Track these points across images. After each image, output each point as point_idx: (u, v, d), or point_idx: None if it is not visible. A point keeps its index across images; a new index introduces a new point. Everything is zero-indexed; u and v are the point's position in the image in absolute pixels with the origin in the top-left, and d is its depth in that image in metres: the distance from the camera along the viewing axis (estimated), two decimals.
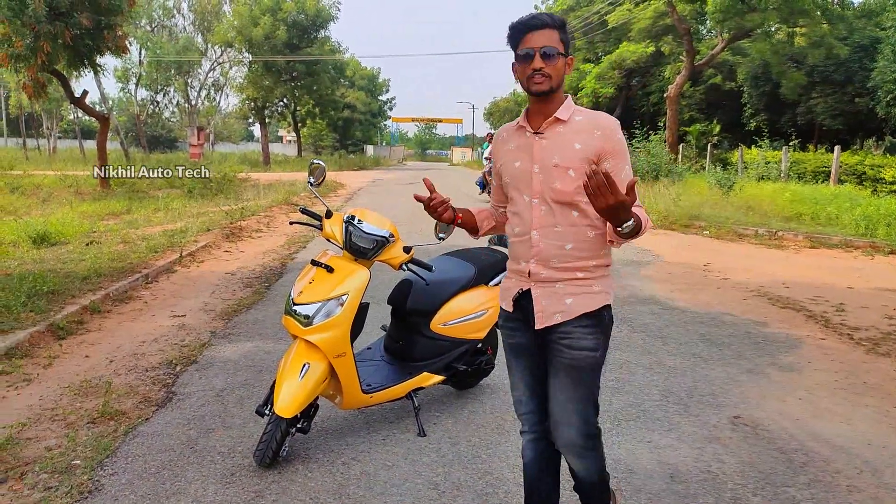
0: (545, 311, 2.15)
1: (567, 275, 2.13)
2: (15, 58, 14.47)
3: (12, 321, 5.12)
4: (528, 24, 2.08)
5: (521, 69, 2.11)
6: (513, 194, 2.21)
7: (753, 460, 3.31)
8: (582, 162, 2.06)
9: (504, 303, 2.30)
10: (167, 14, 45.38)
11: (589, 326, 2.14)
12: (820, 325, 5.84)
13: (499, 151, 2.29)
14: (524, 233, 2.16)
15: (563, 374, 2.16)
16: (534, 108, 2.18)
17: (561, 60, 2.08)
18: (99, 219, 11.88)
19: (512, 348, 2.33)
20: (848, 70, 22.93)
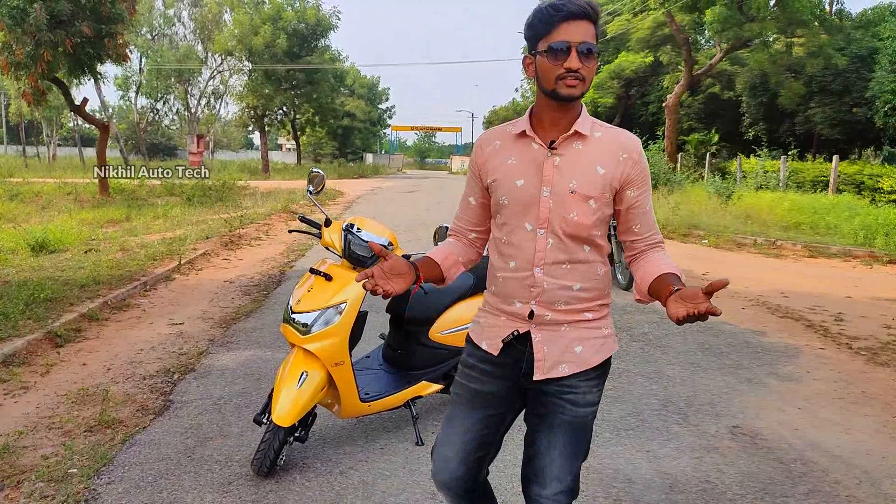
0: (548, 359, 1.78)
1: (574, 317, 1.79)
2: (15, 65, 14.51)
3: (10, 329, 5.11)
4: (566, 11, 1.64)
5: (548, 66, 1.66)
6: (510, 220, 1.79)
7: (752, 470, 3.30)
8: (604, 190, 1.74)
9: (486, 343, 1.86)
10: (168, 23, 45.63)
11: (596, 378, 1.85)
12: (819, 335, 5.85)
13: (489, 162, 1.84)
14: (523, 268, 1.77)
15: (560, 432, 1.82)
16: (546, 115, 1.76)
17: (595, 61, 1.69)
18: (98, 226, 11.87)
19: (474, 396, 1.88)
20: (846, 80, 23.03)
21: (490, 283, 1.89)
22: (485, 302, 1.94)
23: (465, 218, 1.99)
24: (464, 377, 1.92)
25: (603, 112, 35.79)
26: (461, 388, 1.92)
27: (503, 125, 1.89)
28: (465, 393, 1.90)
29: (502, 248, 1.82)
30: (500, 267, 1.83)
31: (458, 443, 1.87)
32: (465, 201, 1.97)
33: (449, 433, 1.90)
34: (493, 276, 1.87)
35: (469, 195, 1.95)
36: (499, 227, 1.84)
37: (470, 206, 1.96)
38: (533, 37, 1.72)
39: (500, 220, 1.83)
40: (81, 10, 14.35)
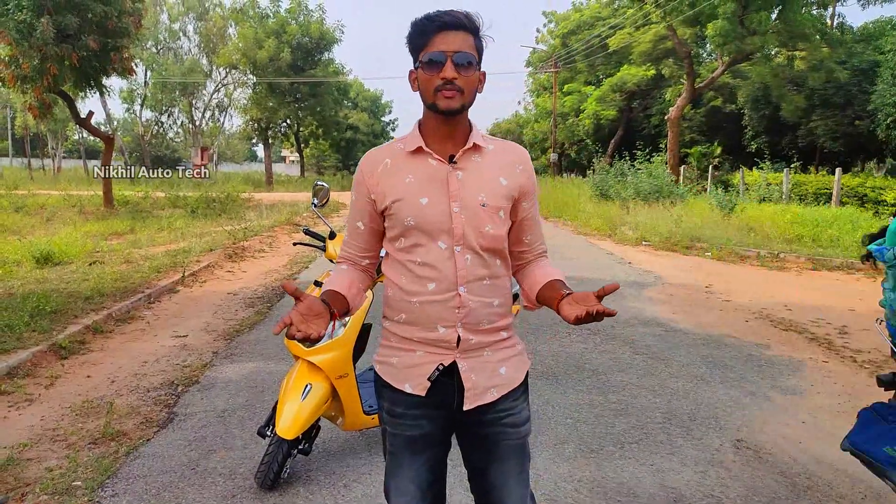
0: (476, 387, 1.71)
1: (495, 337, 1.75)
2: (22, 79, 14.66)
3: (15, 341, 5.13)
4: (440, 22, 1.63)
5: (426, 78, 1.65)
6: (419, 240, 1.69)
7: (756, 484, 3.29)
8: (508, 201, 1.73)
9: (409, 385, 1.73)
10: (173, 36, 45.97)
11: (523, 394, 1.82)
12: (822, 348, 5.83)
13: (381, 183, 1.73)
14: (445, 289, 1.67)
15: (509, 459, 1.77)
16: (437, 131, 1.71)
17: (475, 72, 1.66)
18: (102, 238, 11.93)
19: (411, 443, 1.78)
20: (847, 93, 23.10)
21: (396, 313, 1.76)
22: (389, 335, 1.80)
23: (354, 244, 1.85)
24: (394, 427, 1.80)
25: (605, 124, 35.93)
26: (396, 439, 1.81)
27: (389, 143, 1.81)
28: (402, 441, 1.80)
29: (416, 270, 1.70)
30: (415, 291, 1.70)
31: (412, 489, 1.80)
32: (353, 227, 1.83)
33: (399, 484, 1.81)
34: (403, 303, 1.73)
35: (357, 220, 1.82)
36: (407, 249, 1.72)
37: (359, 232, 1.83)
38: (413, 50, 1.69)
39: (406, 242, 1.72)
40: (88, 25, 14.51)
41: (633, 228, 14.35)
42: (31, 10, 13.73)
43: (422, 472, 1.80)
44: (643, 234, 13.57)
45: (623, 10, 31.88)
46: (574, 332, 6.13)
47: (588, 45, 35.89)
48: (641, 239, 13.33)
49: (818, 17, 22.52)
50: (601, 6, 38.85)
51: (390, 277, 1.78)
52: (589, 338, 5.98)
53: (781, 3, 20.37)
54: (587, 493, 3.17)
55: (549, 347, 5.63)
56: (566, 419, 4.07)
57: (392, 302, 1.77)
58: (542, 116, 45.27)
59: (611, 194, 20.77)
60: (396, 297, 1.75)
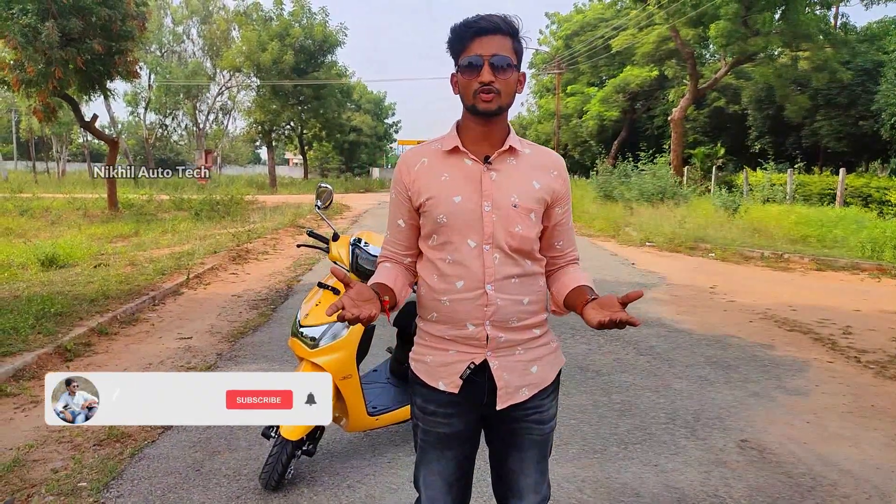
0: (508, 386, 1.75)
1: (526, 335, 1.77)
2: (27, 83, 14.71)
3: (20, 343, 5.15)
4: (477, 27, 1.68)
5: (465, 82, 1.70)
6: (451, 238, 1.73)
7: (761, 484, 3.29)
8: (540, 204, 1.76)
9: (443, 383, 1.77)
10: (177, 39, 46.13)
11: (553, 392, 1.85)
12: (827, 348, 5.82)
13: (418, 181, 1.77)
14: (473, 287, 1.71)
15: (531, 451, 1.83)
16: (474, 132, 1.76)
17: (514, 74, 1.70)
18: (107, 241, 11.96)
19: (442, 440, 1.83)
20: (851, 93, 23.04)
21: (428, 312, 1.79)
22: (423, 335, 1.84)
23: (397, 242, 1.87)
24: (426, 423, 1.84)
25: (609, 125, 35.90)
26: (427, 435, 1.85)
27: (426, 143, 1.86)
28: (433, 438, 1.84)
29: (446, 269, 1.74)
30: (444, 290, 1.74)
31: (440, 483, 1.85)
32: (395, 225, 1.86)
33: (429, 478, 1.86)
34: (434, 301, 1.76)
35: (398, 218, 1.85)
36: (438, 247, 1.76)
37: (400, 230, 1.85)
38: (453, 54, 1.73)
39: (438, 239, 1.75)
40: (92, 28, 14.56)
41: (637, 229, 14.33)
42: (35, 15, 13.79)
43: (449, 467, 1.84)
44: (647, 235, 13.56)
45: (626, 11, 31.86)
46: (578, 333, 6.13)
47: (591, 46, 35.89)
48: (645, 240, 13.32)
49: (822, 17, 22.46)
50: (604, 7, 38.85)
51: (422, 276, 1.82)
52: (592, 338, 5.98)
53: (784, 4, 20.33)
54: (591, 493, 3.17)
55: None
56: (569, 420, 4.07)
57: (424, 301, 1.81)
58: (546, 118, 45.25)
59: (614, 195, 20.76)
60: (428, 297, 1.79)
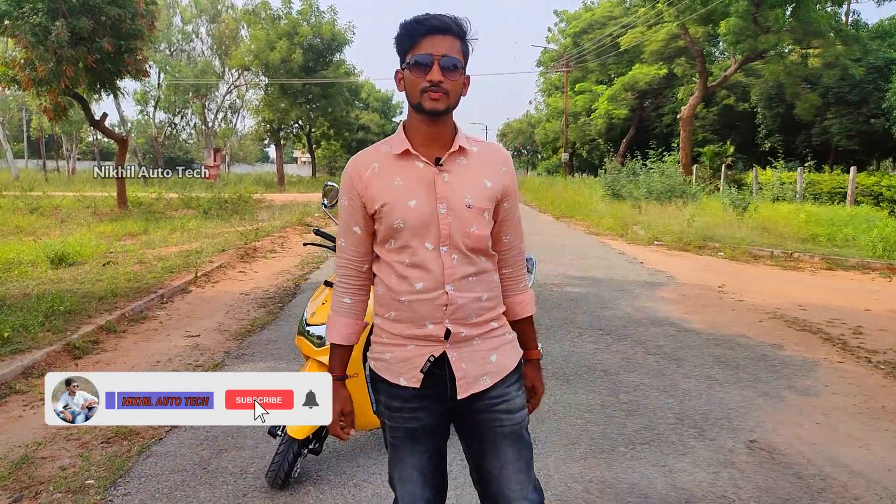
0: (468, 375, 1.77)
1: (484, 328, 1.80)
2: (37, 82, 14.81)
3: (30, 340, 5.19)
4: (428, 26, 1.68)
5: (413, 80, 1.70)
6: (409, 241, 1.74)
7: (770, 486, 3.26)
8: (492, 202, 1.79)
9: (404, 378, 1.78)
10: (186, 38, 46.33)
11: (517, 381, 1.86)
12: (837, 348, 5.77)
13: (371, 187, 1.76)
14: (433, 288, 1.72)
15: (505, 444, 1.81)
16: (422, 133, 1.75)
17: (460, 76, 1.71)
18: (116, 239, 12.03)
19: (411, 434, 1.83)
20: (863, 91, 22.86)
21: (386, 309, 1.80)
22: (380, 332, 1.85)
23: (352, 249, 1.85)
24: (394, 420, 1.84)
25: (617, 123, 35.79)
26: (396, 431, 1.85)
27: (375, 146, 1.84)
28: (403, 434, 1.84)
29: (404, 272, 1.75)
30: (403, 290, 1.75)
31: (416, 476, 1.85)
32: (349, 233, 1.84)
33: (404, 473, 1.86)
34: (393, 300, 1.77)
35: (352, 225, 1.83)
36: (396, 251, 1.76)
37: (356, 236, 1.83)
38: (401, 51, 1.74)
39: (396, 243, 1.76)
40: (102, 27, 14.63)
41: (646, 228, 14.28)
42: (46, 14, 13.87)
43: (423, 461, 1.85)
44: (655, 233, 13.50)
45: (634, 8, 31.75)
46: (585, 333, 6.11)
47: (599, 44, 35.77)
48: (654, 239, 13.26)
49: (833, 14, 22.28)
50: (612, 5, 38.74)
51: (380, 276, 1.82)
52: (600, 338, 5.96)
53: (795, 1, 20.19)
54: (598, 493, 3.16)
55: (560, 348, 5.61)
56: (577, 419, 4.05)
57: (382, 300, 1.82)
58: (554, 116, 45.17)
59: (623, 194, 20.69)
60: (386, 296, 1.80)
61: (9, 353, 4.91)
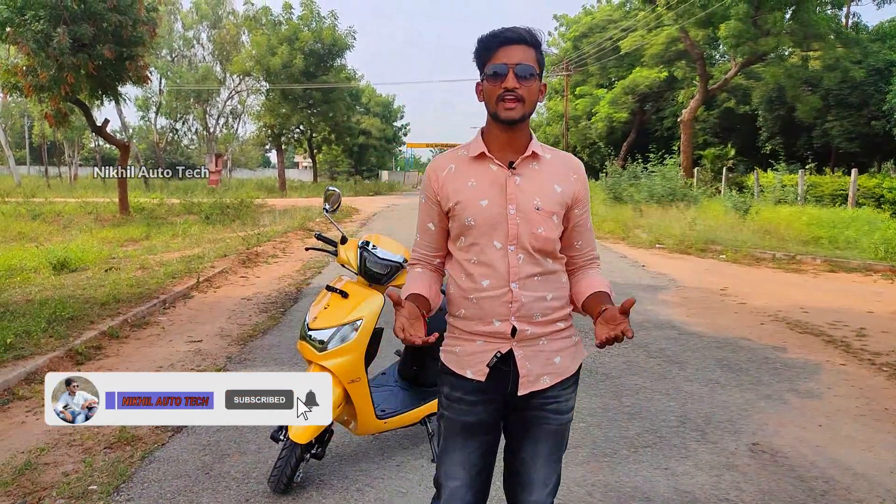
0: (531, 374, 1.84)
1: (550, 328, 1.87)
2: (39, 88, 14.85)
3: (32, 346, 5.19)
4: (503, 38, 1.77)
5: (490, 89, 1.78)
6: (478, 240, 1.83)
7: (772, 488, 3.26)
8: (562, 207, 1.85)
9: (471, 371, 1.86)
10: (187, 44, 46.40)
11: (573, 385, 1.95)
12: (840, 351, 5.77)
13: (446, 186, 1.86)
14: (498, 286, 1.81)
15: (546, 439, 1.90)
16: (498, 139, 1.85)
17: (536, 83, 1.78)
18: (118, 245, 12.05)
19: (467, 428, 1.90)
20: (863, 93, 22.85)
21: (457, 308, 1.89)
22: (452, 329, 1.94)
23: (426, 244, 1.97)
24: (452, 411, 1.92)
25: (618, 127, 35.79)
26: (451, 423, 1.93)
27: (453, 150, 1.94)
28: (456, 426, 1.91)
29: (472, 269, 1.84)
30: (472, 288, 1.84)
31: (462, 474, 1.90)
32: (425, 228, 1.96)
33: (451, 467, 1.92)
34: (462, 298, 1.87)
35: (427, 222, 1.95)
36: (465, 248, 1.86)
37: (430, 233, 1.95)
38: (479, 64, 1.82)
39: (466, 241, 1.85)
40: (103, 34, 14.68)
41: (647, 231, 14.27)
42: (47, 21, 13.91)
43: (472, 457, 1.90)
44: (657, 236, 13.50)
45: (634, 12, 31.80)
46: (587, 336, 6.08)
47: (600, 47, 35.81)
48: (655, 242, 13.26)
49: (833, 16, 22.31)
50: (613, 9, 38.77)
51: (451, 276, 1.93)
52: None
53: (795, 3, 20.21)
54: (600, 497, 3.15)
55: None
56: (579, 423, 4.05)
57: (453, 299, 1.92)
58: (554, 120, 45.16)
59: (624, 197, 20.68)
60: (456, 295, 1.90)
61: (11, 358, 4.91)
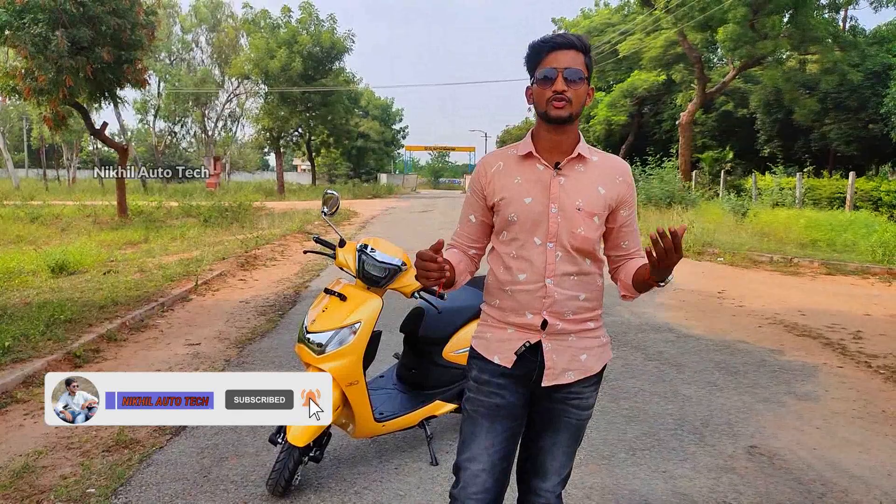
0: (556, 367, 1.93)
1: (580, 326, 1.95)
2: (38, 91, 14.84)
3: (30, 349, 5.19)
4: (553, 43, 1.86)
5: (539, 92, 1.87)
6: (519, 235, 1.92)
7: (770, 491, 3.26)
8: (605, 208, 1.92)
9: (498, 357, 1.96)
10: (186, 47, 46.44)
11: (596, 383, 2.02)
12: (837, 353, 5.78)
13: (494, 182, 1.97)
14: (534, 280, 1.90)
15: (564, 433, 2.00)
16: (546, 139, 1.93)
17: (584, 86, 1.86)
18: (117, 248, 12.03)
19: (492, 411, 1.98)
20: (861, 96, 22.90)
21: (493, 298, 2.00)
22: (486, 316, 2.05)
23: (465, 234, 2.08)
24: (479, 393, 2.00)
25: (616, 130, 35.83)
26: (478, 405, 2.00)
27: (503, 148, 2.03)
28: (483, 409, 1.99)
29: (511, 263, 1.94)
30: (509, 280, 1.94)
31: (485, 458, 1.96)
32: (466, 219, 2.08)
33: (474, 450, 1.98)
34: (499, 290, 1.97)
35: (470, 213, 2.06)
36: (506, 242, 1.95)
37: (470, 224, 2.06)
38: (530, 68, 1.92)
39: (507, 236, 1.95)
40: (102, 37, 14.68)
41: (645, 234, 14.26)
42: (46, 24, 13.91)
43: (496, 443, 1.97)
44: None
45: (633, 15, 31.87)
46: (616, 340, 6.10)
47: (598, 51, 35.85)
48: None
49: (830, 20, 22.36)
50: (611, 12, 38.85)
51: (491, 267, 2.02)
52: None
53: (793, 7, 20.27)
54: (598, 499, 3.16)
55: None
56: None
57: (490, 289, 2.02)
58: None
59: None
60: (494, 285, 2.00)
61: (9, 361, 4.91)
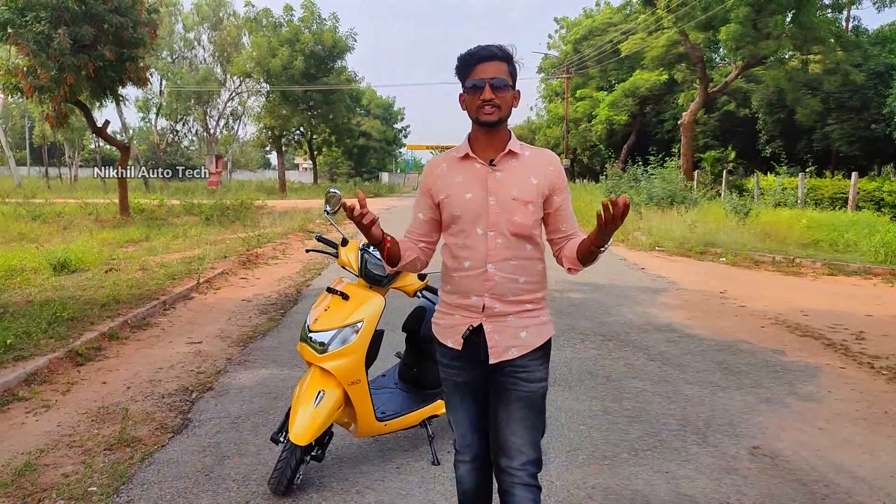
0: (499, 345, 2.14)
1: (519, 307, 2.15)
2: (40, 89, 14.85)
3: (32, 347, 5.19)
4: (478, 55, 2.08)
5: (470, 100, 2.11)
6: (464, 227, 2.14)
7: (773, 492, 3.25)
8: (538, 196, 2.13)
9: (450, 341, 2.21)
10: (188, 46, 46.46)
11: (541, 357, 2.19)
12: (839, 354, 5.77)
13: (439, 183, 2.21)
14: (477, 266, 2.12)
15: (517, 406, 2.15)
16: (480, 140, 2.16)
17: (509, 92, 2.10)
18: (118, 246, 12.04)
19: (458, 388, 2.28)
20: (863, 97, 22.88)
21: (445, 284, 2.25)
22: (441, 303, 2.29)
23: (415, 231, 2.31)
24: (445, 373, 2.31)
25: (618, 129, 35.82)
26: (447, 383, 2.32)
27: (446, 152, 2.27)
28: (451, 385, 2.30)
29: (457, 252, 2.17)
30: (456, 267, 2.17)
31: (466, 421, 2.30)
32: (415, 216, 2.30)
33: (457, 418, 2.32)
34: (448, 277, 2.22)
35: (419, 211, 2.29)
36: (454, 234, 2.18)
37: (420, 220, 2.29)
38: (461, 77, 2.14)
39: (455, 229, 2.17)
40: (104, 35, 14.69)
41: (647, 234, 14.28)
42: (48, 22, 13.93)
43: (470, 410, 2.29)
44: (656, 239, 13.50)
45: (635, 15, 31.83)
46: (587, 339, 6.10)
47: (600, 50, 35.85)
48: (655, 244, 13.26)
49: (833, 19, 22.31)
50: (613, 12, 38.83)
51: (443, 257, 2.24)
52: (602, 344, 5.95)
53: (796, 7, 20.23)
54: (600, 500, 3.15)
55: (562, 354, 5.61)
56: (579, 426, 4.05)
57: (443, 276, 2.26)
58: (555, 122, 45.23)
59: None
60: (445, 273, 2.24)
61: (11, 359, 4.91)
